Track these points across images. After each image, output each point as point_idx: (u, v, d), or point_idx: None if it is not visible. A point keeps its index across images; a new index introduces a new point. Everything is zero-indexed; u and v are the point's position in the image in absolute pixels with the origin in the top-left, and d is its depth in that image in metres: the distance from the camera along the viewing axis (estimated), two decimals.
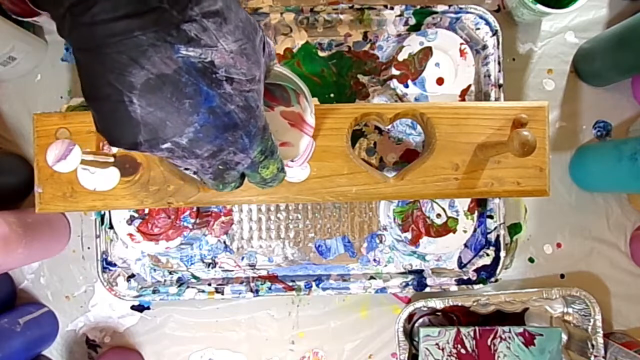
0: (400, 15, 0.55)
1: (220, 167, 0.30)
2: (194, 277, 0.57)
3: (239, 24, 0.27)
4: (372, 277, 0.56)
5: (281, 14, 0.55)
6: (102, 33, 0.24)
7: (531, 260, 0.59)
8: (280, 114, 0.39)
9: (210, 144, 0.27)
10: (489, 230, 0.56)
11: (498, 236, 0.55)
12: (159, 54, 0.24)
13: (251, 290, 0.55)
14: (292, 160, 0.39)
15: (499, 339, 0.53)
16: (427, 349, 0.53)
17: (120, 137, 0.27)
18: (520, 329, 0.53)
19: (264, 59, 0.30)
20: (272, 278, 0.56)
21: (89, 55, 0.25)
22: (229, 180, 0.32)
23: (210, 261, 0.57)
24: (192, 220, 0.51)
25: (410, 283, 0.55)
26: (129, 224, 0.51)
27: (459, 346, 0.53)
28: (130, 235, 0.51)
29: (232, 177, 0.31)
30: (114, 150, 0.43)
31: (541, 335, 0.53)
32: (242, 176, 0.33)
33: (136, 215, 0.51)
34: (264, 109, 0.37)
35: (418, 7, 0.54)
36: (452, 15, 0.54)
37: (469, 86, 0.54)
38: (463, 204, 0.53)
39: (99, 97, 0.26)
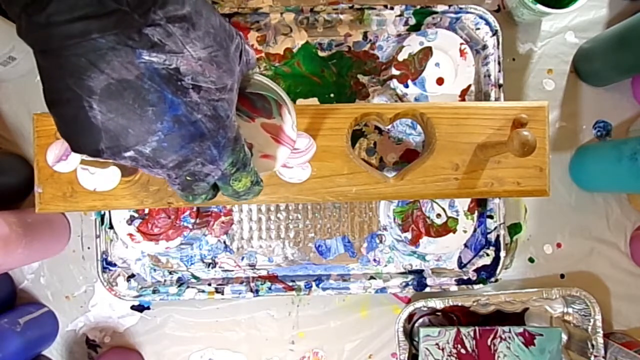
0: (400, 15, 0.55)
1: (188, 178, 0.29)
2: (194, 277, 0.57)
3: (209, 30, 0.26)
4: (372, 277, 0.56)
5: (281, 14, 0.55)
6: (58, 34, 0.23)
7: (531, 260, 0.59)
8: (260, 125, 0.37)
9: (175, 154, 0.26)
10: (489, 230, 0.56)
11: (498, 236, 0.55)
12: (119, 58, 0.23)
13: (251, 290, 0.55)
14: (293, 159, 0.39)
15: (499, 339, 0.53)
16: (427, 349, 0.53)
17: (82, 144, 0.26)
18: (520, 329, 0.53)
19: (239, 67, 0.29)
20: (272, 278, 0.56)
21: (47, 58, 0.24)
22: (199, 192, 0.30)
23: (210, 261, 0.57)
24: (192, 220, 0.51)
25: (410, 283, 0.55)
26: (129, 224, 0.51)
27: (459, 346, 0.53)
28: (130, 235, 0.51)
29: (202, 188, 0.30)
30: None
31: (541, 335, 0.53)
32: (215, 187, 0.32)
33: (136, 215, 0.51)
34: (246, 119, 0.36)
35: (418, 7, 0.54)
36: (452, 15, 0.54)
37: (469, 86, 0.54)
38: (463, 204, 0.53)
39: (59, 101, 0.25)
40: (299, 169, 0.42)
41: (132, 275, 0.56)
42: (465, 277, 0.55)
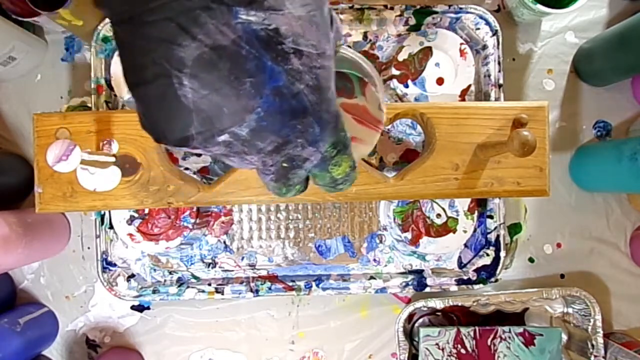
0: (400, 15, 0.55)
1: (284, 164, 0.25)
2: (194, 277, 0.57)
3: None
4: (372, 277, 0.56)
5: None
6: None
7: (531, 260, 0.59)
8: (340, 105, 0.32)
9: (275, 134, 0.23)
10: (489, 230, 0.56)
11: (498, 236, 0.55)
12: (214, 20, 0.20)
13: (251, 290, 0.55)
14: None
15: (499, 339, 0.53)
16: (427, 349, 0.53)
17: (168, 130, 0.22)
18: (520, 329, 0.53)
19: (332, 33, 0.25)
20: (272, 278, 0.56)
21: (129, 28, 0.21)
22: (294, 182, 0.27)
23: (210, 261, 0.57)
24: (192, 220, 0.51)
25: (410, 283, 0.55)
26: (129, 224, 0.51)
27: (459, 346, 0.53)
28: (130, 235, 0.51)
29: (298, 177, 0.26)
30: (114, 150, 0.43)
31: (541, 335, 0.53)
32: (307, 178, 0.28)
33: (136, 215, 0.51)
34: None
35: (418, 7, 0.54)
36: (452, 15, 0.54)
37: (469, 86, 0.54)
38: (463, 204, 0.53)
39: (143, 81, 0.21)
40: None
41: (132, 275, 0.56)
42: (465, 277, 0.55)
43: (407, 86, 0.54)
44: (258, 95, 0.21)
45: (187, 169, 0.53)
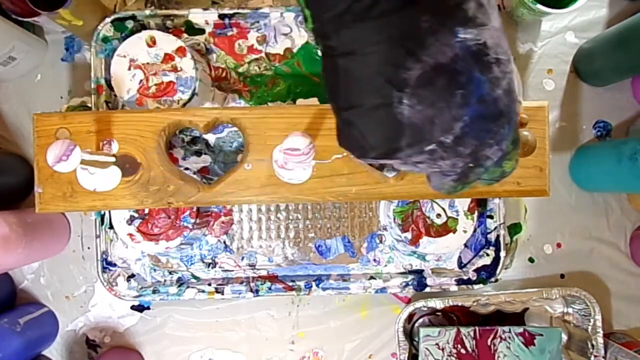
0: None
1: (470, 165, 0.26)
2: (194, 277, 0.57)
3: None
4: (372, 277, 0.56)
5: (281, 14, 0.55)
6: (378, 27, 0.21)
7: (531, 260, 0.59)
8: None
9: (475, 138, 0.24)
10: (489, 230, 0.56)
11: (498, 236, 0.55)
12: (438, 41, 0.21)
13: (251, 290, 0.55)
14: (294, 160, 0.39)
15: (499, 339, 0.53)
16: (427, 349, 0.53)
17: (376, 145, 0.24)
18: (520, 329, 0.53)
19: None
20: (272, 278, 0.56)
21: (353, 58, 0.22)
22: (472, 180, 0.27)
23: (210, 261, 0.57)
24: (192, 220, 0.51)
25: (410, 283, 0.55)
26: (129, 224, 0.51)
27: (459, 346, 0.53)
28: (130, 235, 0.51)
29: (476, 175, 0.27)
30: (114, 150, 0.43)
31: (541, 335, 0.53)
32: None
33: (136, 215, 0.51)
34: None
35: None
36: None
37: None
38: (463, 204, 0.53)
39: (359, 104, 0.23)
40: (299, 169, 0.42)
41: (132, 275, 0.56)
42: (465, 277, 0.55)
43: None
44: (465, 105, 0.23)
45: (187, 169, 0.53)
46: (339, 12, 0.22)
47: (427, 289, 0.55)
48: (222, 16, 0.55)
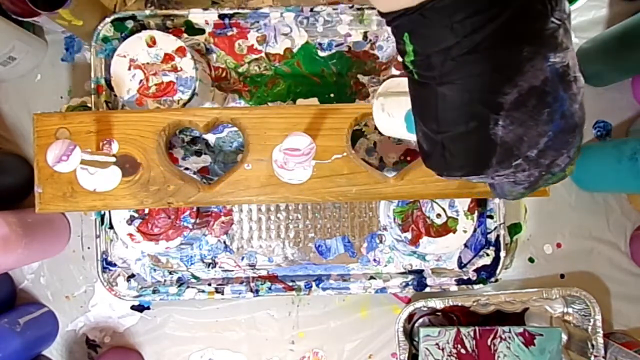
0: None
1: (542, 173, 0.27)
2: (194, 277, 0.57)
3: None
4: (372, 277, 0.56)
5: (281, 14, 0.55)
6: (483, 59, 0.23)
7: (531, 260, 0.59)
8: None
9: (555, 150, 0.26)
10: (489, 230, 0.56)
11: (498, 236, 0.55)
12: (533, 68, 0.23)
13: (251, 290, 0.55)
14: (294, 160, 0.39)
15: (499, 339, 0.53)
16: (427, 349, 0.53)
17: (466, 164, 0.26)
18: (520, 329, 0.53)
19: None
20: (272, 278, 0.56)
21: (452, 87, 0.24)
22: (540, 185, 0.29)
23: (210, 261, 0.57)
24: (192, 220, 0.51)
25: (410, 283, 0.55)
26: (129, 224, 0.51)
27: (459, 346, 0.53)
28: (130, 235, 0.51)
29: (545, 181, 0.28)
30: (114, 150, 0.43)
31: (541, 335, 0.53)
32: None
33: (136, 215, 0.51)
34: None
35: None
36: None
37: None
38: (463, 204, 0.53)
39: (457, 128, 0.25)
40: (299, 169, 0.42)
41: (132, 275, 0.56)
42: (465, 277, 0.55)
43: None
44: (551, 121, 0.25)
45: (187, 169, 0.53)
46: (447, 47, 0.24)
47: (427, 289, 0.55)
48: (222, 16, 0.55)
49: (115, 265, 0.55)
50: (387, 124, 0.38)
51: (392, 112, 0.37)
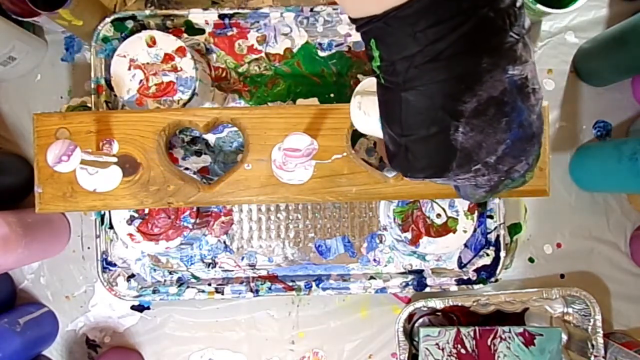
0: None
1: (502, 178, 0.29)
2: (194, 277, 0.57)
3: None
4: (372, 277, 0.56)
5: (281, 14, 0.55)
6: (445, 67, 0.24)
7: (531, 260, 0.59)
8: None
9: (513, 157, 0.27)
10: (489, 230, 0.56)
11: (498, 236, 0.55)
12: (492, 78, 0.25)
13: (251, 290, 0.55)
14: (294, 160, 0.39)
15: (499, 339, 0.53)
16: (427, 349, 0.53)
17: (427, 167, 0.28)
18: (520, 329, 0.53)
19: None
20: (272, 278, 0.56)
21: (415, 92, 0.25)
22: (500, 190, 0.31)
23: (210, 261, 0.57)
24: (192, 220, 0.51)
25: (410, 283, 0.55)
26: (129, 224, 0.51)
27: (459, 346, 0.53)
28: (130, 235, 0.51)
29: (505, 186, 0.30)
30: (114, 150, 0.43)
31: (541, 335, 0.53)
32: None
33: (136, 215, 0.51)
34: None
35: None
36: None
37: None
38: (463, 204, 0.53)
39: (419, 132, 0.26)
40: (300, 169, 0.42)
41: (132, 275, 0.56)
42: (465, 277, 0.55)
43: None
44: (508, 130, 0.26)
45: (187, 169, 0.53)
46: (411, 54, 0.25)
47: (427, 289, 0.55)
48: (222, 16, 0.55)
49: (115, 265, 0.55)
50: (363, 122, 0.38)
51: (368, 110, 0.37)
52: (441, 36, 0.24)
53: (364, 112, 0.37)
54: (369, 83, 0.38)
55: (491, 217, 0.55)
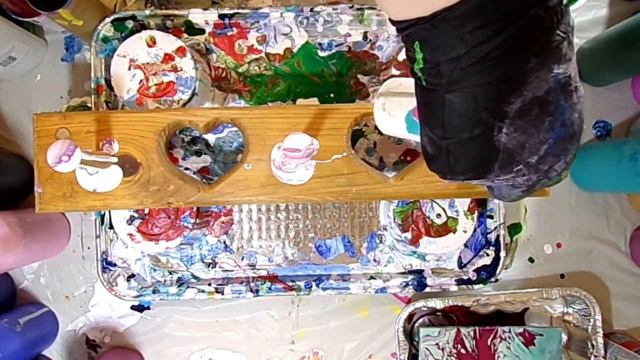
0: None
1: (540, 178, 0.28)
2: (194, 277, 0.57)
3: None
4: (372, 277, 0.56)
5: (281, 14, 0.55)
6: (491, 68, 0.24)
7: (531, 260, 0.59)
8: None
9: (554, 157, 0.27)
10: (489, 230, 0.56)
11: (498, 236, 0.55)
12: (538, 78, 0.24)
13: (251, 290, 0.55)
14: (295, 160, 0.39)
15: (499, 339, 0.53)
16: (427, 349, 0.53)
17: (469, 169, 0.27)
18: (520, 329, 0.53)
19: None
20: (272, 278, 0.56)
21: (459, 94, 0.25)
22: (537, 189, 0.30)
23: (210, 261, 0.57)
24: (192, 220, 0.51)
25: (410, 283, 0.55)
26: (129, 224, 0.51)
27: (459, 346, 0.53)
28: (130, 235, 0.51)
29: (541, 185, 0.30)
30: (114, 150, 0.43)
31: (541, 335, 0.53)
32: None
33: (136, 215, 0.51)
34: None
35: None
36: None
37: None
38: (463, 204, 0.53)
39: (462, 134, 0.26)
40: (301, 169, 0.42)
41: (132, 275, 0.56)
42: (465, 277, 0.55)
43: None
44: (551, 129, 0.26)
45: (187, 169, 0.53)
46: (457, 56, 0.24)
47: (427, 289, 0.55)
48: (222, 16, 0.55)
49: (115, 265, 0.55)
50: (387, 123, 0.38)
51: (392, 112, 0.37)
52: (489, 37, 0.23)
53: (389, 114, 0.37)
54: (392, 84, 0.38)
55: (491, 217, 0.55)
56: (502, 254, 0.55)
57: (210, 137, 0.56)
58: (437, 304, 0.54)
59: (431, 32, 0.25)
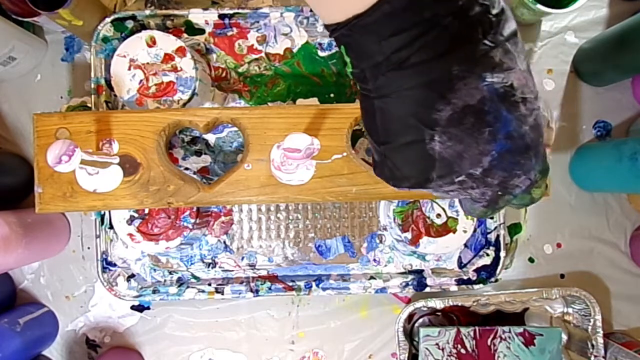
0: None
1: (499, 193, 0.28)
2: (194, 277, 0.57)
3: (521, 39, 0.26)
4: (372, 277, 0.56)
5: (281, 14, 0.55)
6: (412, 74, 0.24)
7: (531, 260, 0.59)
8: None
9: (503, 170, 0.26)
10: (489, 230, 0.56)
11: (498, 236, 0.55)
12: (467, 86, 0.24)
13: (251, 290, 0.55)
14: (295, 160, 0.39)
15: (499, 339, 0.53)
16: (427, 349, 0.53)
17: (408, 176, 0.27)
18: (520, 329, 0.53)
19: None
20: (272, 278, 0.56)
21: (388, 100, 0.25)
22: (501, 206, 0.29)
23: (210, 261, 0.57)
24: (192, 220, 0.51)
25: (410, 283, 0.55)
26: (129, 224, 0.51)
27: (459, 346, 0.53)
28: (130, 235, 0.51)
29: (505, 202, 0.29)
30: (114, 150, 0.43)
31: (541, 335, 0.53)
32: None
33: (136, 215, 0.51)
34: None
35: None
36: None
37: None
38: None
39: (393, 140, 0.26)
40: (303, 169, 0.42)
41: (132, 275, 0.56)
42: (465, 277, 0.55)
43: None
44: (493, 141, 0.25)
45: (187, 169, 0.53)
46: (377, 62, 0.24)
47: (427, 289, 0.55)
48: (222, 16, 0.55)
49: (115, 265, 0.55)
50: None
51: None
52: (405, 44, 0.23)
53: None
54: None
55: (491, 217, 0.55)
56: (502, 254, 0.55)
57: (210, 137, 0.56)
58: (437, 304, 0.54)
59: (351, 38, 0.25)
